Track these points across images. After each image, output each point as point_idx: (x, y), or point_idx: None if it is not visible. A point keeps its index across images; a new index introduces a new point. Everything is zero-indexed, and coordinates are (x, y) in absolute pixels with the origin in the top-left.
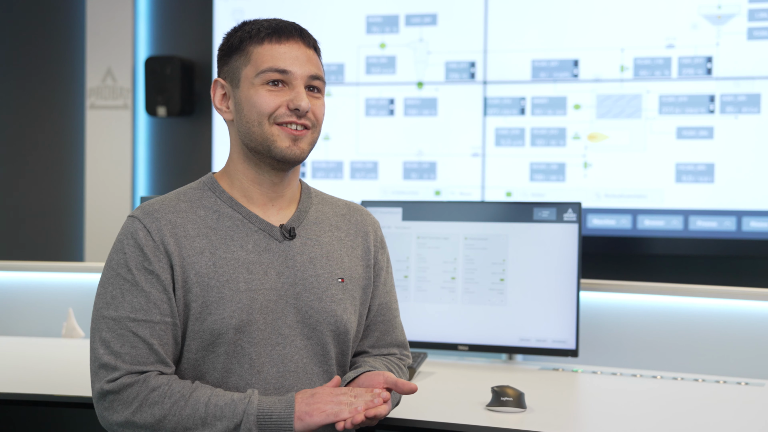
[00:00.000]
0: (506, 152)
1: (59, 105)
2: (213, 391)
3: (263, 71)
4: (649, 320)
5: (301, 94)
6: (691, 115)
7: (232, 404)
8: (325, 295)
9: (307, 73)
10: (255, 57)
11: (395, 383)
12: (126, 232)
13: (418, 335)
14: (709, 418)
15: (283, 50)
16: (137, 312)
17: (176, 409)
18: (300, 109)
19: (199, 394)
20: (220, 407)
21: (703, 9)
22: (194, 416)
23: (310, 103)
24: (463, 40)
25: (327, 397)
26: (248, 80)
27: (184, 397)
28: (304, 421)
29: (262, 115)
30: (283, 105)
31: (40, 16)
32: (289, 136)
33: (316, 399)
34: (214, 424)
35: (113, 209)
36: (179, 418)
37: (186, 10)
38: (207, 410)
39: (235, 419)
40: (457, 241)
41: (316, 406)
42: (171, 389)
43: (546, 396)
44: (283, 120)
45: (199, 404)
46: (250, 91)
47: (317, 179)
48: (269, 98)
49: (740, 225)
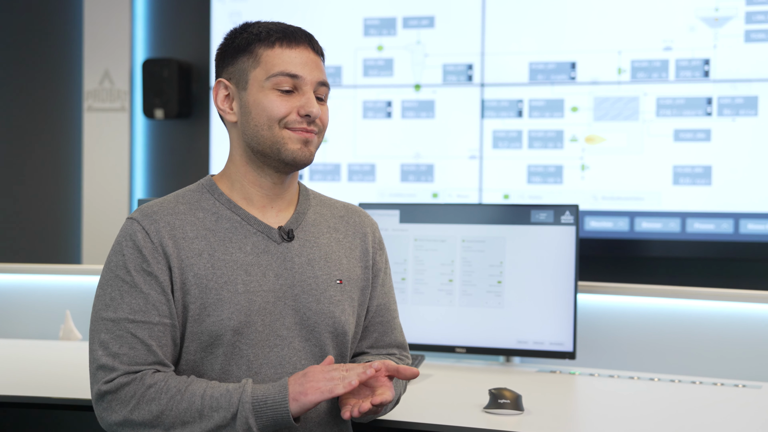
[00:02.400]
0: (504, 155)
1: (56, 107)
2: (208, 384)
3: (274, 75)
4: (647, 323)
5: (312, 101)
6: (689, 118)
7: (228, 394)
8: (324, 297)
9: (317, 79)
10: (265, 60)
11: (396, 369)
12: (125, 234)
13: (415, 337)
14: (706, 420)
15: (294, 55)
16: (136, 313)
17: (173, 403)
18: (311, 116)
19: (195, 388)
20: (215, 398)
21: (700, 11)
22: (191, 409)
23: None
24: (461, 43)
25: (319, 374)
26: (258, 83)
27: (180, 392)
28: (299, 402)
29: (272, 120)
30: (294, 111)
31: (37, 19)
32: (301, 139)
33: (309, 378)
34: (211, 415)
35: (111, 212)
36: (176, 413)
37: (183, 12)
38: (203, 402)
39: (231, 409)
40: (455, 243)
41: (309, 385)
42: (167, 385)
43: (543, 398)
44: (294, 126)
45: (195, 397)
46: (260, 95)
47: (315, 181)
48: (280, 103)
49: (737, 227)
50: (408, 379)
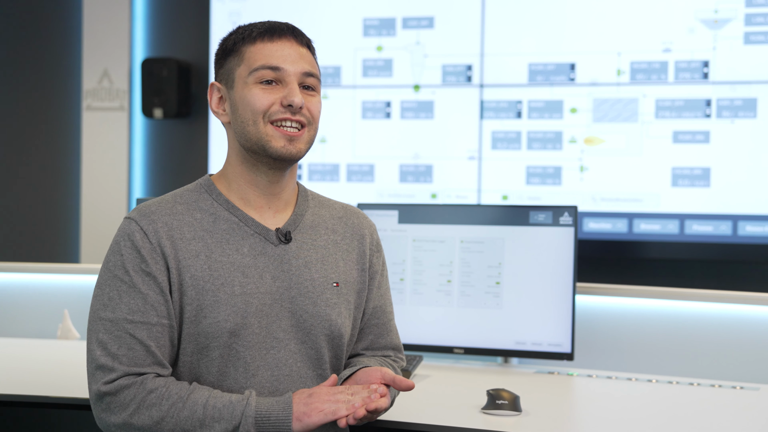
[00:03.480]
0: (503, 155)
1: (56, 106)
2: (211, 393)
3: (256, 69)
4: (645, 324)
5: (294, 90)
6: (688, 120)
7: (230, 406)
8: (320, 300)
9: (300, 69)
10: (248, 56)
11: (393, 380)
12: (123, 234)
13: (413, 338)
14: (704, 422)
15: (275, 48)
16: (134, 314)
17: (174, 410)
18: (293, 105)
19: (197, 396)
20: (218, 409)
21: (699, 13)
22: (192, 418)
23: (305, 100)
24: (460, 44)
25: (324, 396)
26: (242, 79)
27: (182, 399)
28: (302, 422)
29: (256, 114)
30: (277, 102)
31: (36, 18)
32: (284, 137)
33: (314, 399)
34: (212, 426)
35: (109, 211)
36: (177, 420)
37: (183, 11)
38: (205, 412)
39: (233, 421)
40: (453, 244)
41: (313, 406)
42: (168, 391)
43: (541, 399)
44: (277, 117)
45: (197, 406)
46: (244, 91)
47: (313, 182)
48: (262, 96)
49: (736, 229)
50: (403, 390)
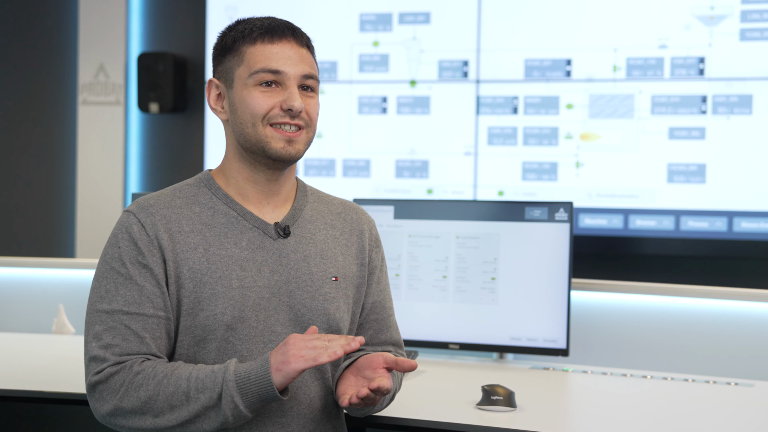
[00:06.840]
0: (498, 151)
1: (51, 101)
2: (195, 367)
3: (256, 72)
4: (640, 320)
5: (294, 95)
6: (683, 116)
7: (212, 375)
8: (318, 294)
9: (300, 72)
10: (248, 57)
11: (396, 362)
12: (121, 227)
13: (408, 334)
14: (698, 418)
15: (275, 50)
16: (130, 305)
17: (160, 388)
18: (293, 110)
19: (181, 371)
20: (201, 380)
21: (695, 10)
22: (177, 392)
23: (304, 102)
24: (457, 39)
25: (300, 342)
26: (241, 81)
27: (167, 376)
28: (282, 371)
29: (255, 117)
30: (276, 106)
31: (32, 12)
32: (283, 138)
33: (290, 347)
34: (198, 397)
35: (105, 205)
36: (164, 397)
37: (179, 6)
38: (189, 384)
39: (216, 389)
40: (449, 239)
41: (291, 353)
42: (155, 370)
43: (536, 395)
44: (277, 121)
45: (181, 380)
46: (244, 92)
47: (309, 177)
48: (262, 99)
49: (731, 226)
50: (406, 371)
